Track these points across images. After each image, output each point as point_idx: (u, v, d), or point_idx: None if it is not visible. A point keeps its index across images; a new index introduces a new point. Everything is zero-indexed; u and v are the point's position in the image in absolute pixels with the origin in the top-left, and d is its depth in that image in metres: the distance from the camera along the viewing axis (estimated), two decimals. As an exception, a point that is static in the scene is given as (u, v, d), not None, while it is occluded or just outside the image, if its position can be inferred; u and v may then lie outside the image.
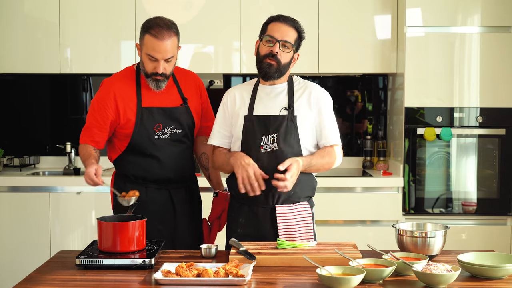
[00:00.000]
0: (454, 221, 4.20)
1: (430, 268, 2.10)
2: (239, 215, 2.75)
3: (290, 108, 2.68)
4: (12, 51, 4.48)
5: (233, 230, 2.76)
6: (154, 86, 2.76)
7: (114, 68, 4.48)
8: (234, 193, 2.79)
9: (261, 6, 4.43)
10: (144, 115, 2.78)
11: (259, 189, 2.60)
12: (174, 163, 2.86)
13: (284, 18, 2.68)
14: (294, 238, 2.67)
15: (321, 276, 2.06)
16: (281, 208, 2.68)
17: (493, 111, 4.21)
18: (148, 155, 2.81)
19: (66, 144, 4.71)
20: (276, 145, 2.65)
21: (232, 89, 2.83)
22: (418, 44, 4.23)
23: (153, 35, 2.67)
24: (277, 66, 2.65)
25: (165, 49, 2.68)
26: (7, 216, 4.26)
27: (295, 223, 2.69)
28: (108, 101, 2.77)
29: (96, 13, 4.46)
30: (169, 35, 2.68)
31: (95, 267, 2.31)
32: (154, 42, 2.67)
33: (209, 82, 4.64)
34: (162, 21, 2.71)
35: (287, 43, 2.65)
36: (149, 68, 2.72)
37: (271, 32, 2.65)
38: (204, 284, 2.11)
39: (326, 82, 4.84)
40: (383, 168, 4.55)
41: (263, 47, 2.68)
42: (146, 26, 2.71)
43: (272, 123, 2.66)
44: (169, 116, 2.82)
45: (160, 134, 2.81)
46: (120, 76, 2.86)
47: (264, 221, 2.70)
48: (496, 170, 4.24)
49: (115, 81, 2.83)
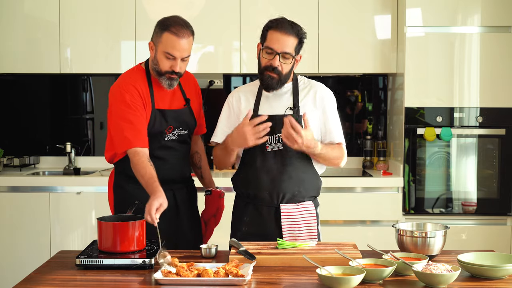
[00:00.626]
0: (454, 221, 4.20)
1: (430, 268, 2.10)
2: (244, 214, 2.76)
3: (295, 108, 2.69)
4: (12, 51, 4.48)
5: (238, 229, 2.77)
6: (167, 85, 2.71)
7: (114, 68, 4.50)
8: (239, 192, 2.80)
9: (261, 6, 4.43)
10: (157, 117, 2.76)
11: (267, 126, 2.59)
12: (179, 164, 2.86)
13: (283, 26, 2.63)
14: (297, 238, 2.68)
15: (321, 276, 2.06)
16: (286, 207, 2.70)
17: (493, 111, 4.21)
18: (156, 156, 2.77)
19: (66, 144, 4.71)
20: (282, 145, 2.66)
21: (237, 90, 2.84)
22: (418, 44, 4.23)
23: (174, 32, 2.63)
24: (278, 78, 2.66)
25: (184, 48, 2.66)
26: (7, 216, 4.25)
27: (299, 223, 2.71)
28: (137, 96, 2.70)
29: (96, 13, 4.46)
30: (188, 34, 2.67)
31: (95, 267, 2.31)
32: (175, 40, 2.63)
33: (209, 82, 4.64)
34: (181, 19, 2.70)
35: (287, 55, 2.64)
36: (165, 66, 2.68)
37: (270, 44, 2.63)
38: (204, 284, 2.11)
39: (326, 82, 4.79)
40: (383, 168, 4.56)
41: (263, 58, 2.67)
42: (165, 24, 2.67)
43: (278, 122, 2.66)
44: (178, 118, 2.81)
45: (170, 136, 2.80)
46: (136, 75, 2.78)
47: (269, 220, 2.71)
48: (496, 170, 4.24)
49: (136, 80, 2.74)
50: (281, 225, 2.69)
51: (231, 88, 4.85)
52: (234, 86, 4.87)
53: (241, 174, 2.76)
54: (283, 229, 2.68)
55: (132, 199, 2.71)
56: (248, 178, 2.72)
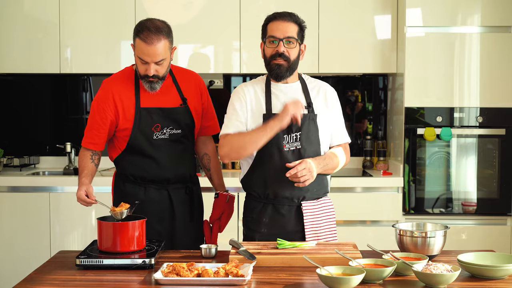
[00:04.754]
0: (454, 221, 4.20)
1: (430, 268, 2.10)
2: (263, 215, 2.73)
3: (310, 107, 2.70)
4: (12, 51, 4.48)
5: (256, 231, 2.74)
6: (148, 88, 2.76)
7: (114, 68, 4.47)
8: (255, 194, 2.75)
9: (261, 5, 4.42)
10: (142, 116, 2.78)
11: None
12: (173, 164, 2.86)
13: (280, 15, 2.67)
14: (319, 235, 2.70)
15: (321, 276, 2.06)
16: (307, 205, 2.70)
17: (493, 111, 4.21)
18: (147, 155, 2.81)
19: (66, 144, 4.71)
20: (299, 144, 2.66)
21: (245, 84, 2.77)
22: (418, 44, 4.23)
23: (142, 39, 2.66)
24: (287, 65, 2.65)
25: (154, 53, 2.67)
26: (7, 216, 4.25)
27: (320, 219, 2.72)
28: (107, 101, 2.78)
29: (96, 13, 4.46)
30: (158, 39, 2.66)
31: (95, 267, 2.31)
32: (143, 46, 2.66)
33: (209, 82, 4.64)
34: (152, 24, 2.69)
35: (291, 39, 2.64)
36: (141, 70, 2.73)
37: (272, 32, 2.64)
38: (204, 284, 2.12)
39: (326, 82, 4.82)
40: (383, 168, 4.56)
41: (267, 49, 2.67)
42: (137, 30, 2.70)
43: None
44: (167, 116, 2.82)
45: (159, 135, 2.81)
46: (119, 76, 2.87)
47: (289, 220, 2.71)
48: (496, 170, 4.24)
49: (114, 82, 2.84)
50: (303, 223, 2.69)
51: (231, 88, 4.84)
52: (234, 86, 4.87)
53: (255, 175, 2.71)
54: (306, 227, 2.69)
55: (129, 198, 2.73)
56: (265, 178, 2.68)
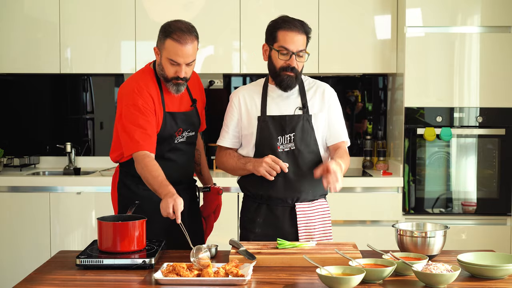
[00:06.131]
0: (454, 221, 4.20)
1: (430, 268, 2.10)
2: (257, 215, 2.75)
3: (305, 107, 2.70)
4: (12, 51, 4.48)
5: (250, 231, 2.75)
6: (175, 90, 2.69)
7: (114, 68, 4.50)
8: (250, 194, 2.79)
9: (261, 5, 4.42)
10: (167, 120, 2.74)
11: (285, 167, 2.61)
12: (186, 165, 2.86)
13: (293, 24, 2.63)
14: (313, 236, 2.70)
15: (321, 276, 2.06)
16: (301, 206, 2.70)
17: (493, 111, 4.21)
18: (166, 158, 2.76)
19: (66, 144, 4.71)
20: (293, 145, 2.67)
21: (240, 90, 2.80)
22: (418, 44, 4.23)
23: (175, 39, 2.59)
24: (296, 77, 2.67)
25: (187, 54, 2.61)
26: (7, 216, 4.25)
27: (314, 221, 2.72)
28: (150, 102, 2.68)
29: (96, 13, 4.46)
30: (191, 39, 2.62)
31: (95, 267, 2.31)
32: (177, 47, 2.59)
33: (209, 82, 4.64)
34: (183, 24, 2.64)
35: (302, 51, 2.65)
36: (170, 72, 2.65)
37: (285, 44, 2.62)
38: (204, 284, 2.12)
39: (326, 82, 4.80)
40: (383, 168, 4.56)
41: (278, 59, 2.65)
42: (167, 31, 2.62)
43: (288, 123, 2.67)
44: (187, 120, 2.80)
45: (179, 138, 2.79)
46: (146, 78, 2.75)
47: (283, 220, 2.72)
48: (496, 170, 4.24)
49: (148, 84, 2.71)
50: (297, 224, 2.69)
51: (231, 88, 4.85)
52: (234, 86, 4.87)
53: (251, 175, 2.72)
54: (299, 229, 2.69)
55: (138, 199, 2.70)
56: (260, 179, 2.68)
